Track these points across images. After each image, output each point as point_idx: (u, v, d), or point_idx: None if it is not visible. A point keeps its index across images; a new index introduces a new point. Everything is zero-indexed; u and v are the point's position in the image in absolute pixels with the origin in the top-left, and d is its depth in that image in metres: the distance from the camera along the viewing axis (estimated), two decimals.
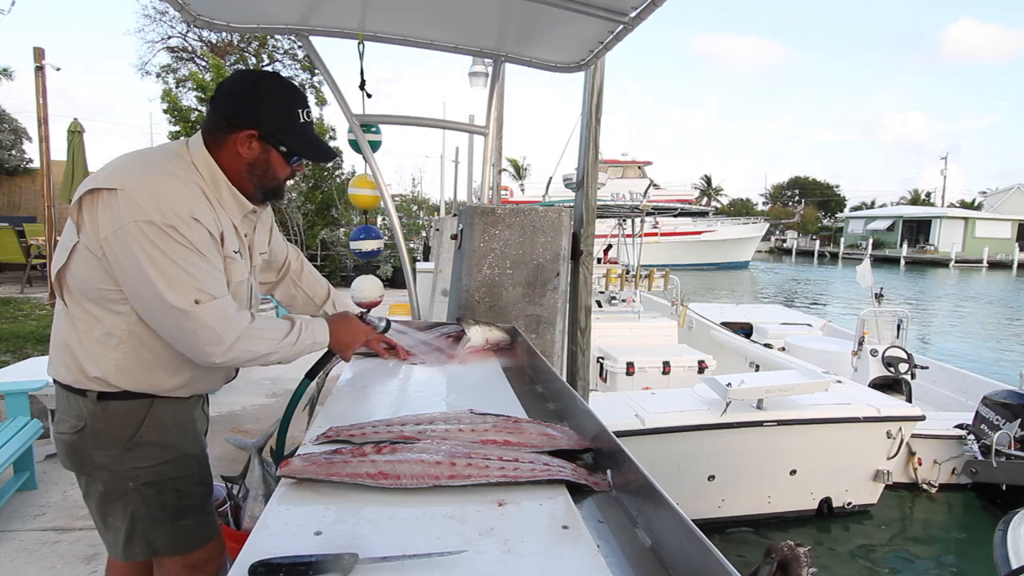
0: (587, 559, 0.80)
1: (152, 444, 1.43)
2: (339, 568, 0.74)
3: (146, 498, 1.43)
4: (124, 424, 1.40)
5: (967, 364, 8.38)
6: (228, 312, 1.32)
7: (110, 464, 1.41)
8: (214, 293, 1.29)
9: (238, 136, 1.38)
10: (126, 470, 1.41)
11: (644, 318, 7.04)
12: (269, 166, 1.43)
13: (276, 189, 1.49)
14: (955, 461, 5.04)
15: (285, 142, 1.41)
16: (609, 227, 9.51)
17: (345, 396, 1.50)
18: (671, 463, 4.10)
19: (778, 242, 51.71)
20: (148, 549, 1.46)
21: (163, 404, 1.44)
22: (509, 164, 37.46)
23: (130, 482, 1.42)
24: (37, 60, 7.86)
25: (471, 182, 11.20)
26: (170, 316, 1.27)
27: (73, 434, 1.40)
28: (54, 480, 3.42)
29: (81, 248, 1.30)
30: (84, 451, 1.41)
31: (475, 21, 2.42)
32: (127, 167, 1.30)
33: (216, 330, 1.28)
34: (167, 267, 1.24)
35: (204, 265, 1.29)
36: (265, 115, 1.38)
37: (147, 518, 1.44)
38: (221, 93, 1.40)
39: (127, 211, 1.23)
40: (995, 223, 39.89)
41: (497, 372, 1.80)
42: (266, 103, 1.39)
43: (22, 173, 13.52)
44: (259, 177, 1.44)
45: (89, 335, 1.34)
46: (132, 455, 1.41)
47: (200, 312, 1.26)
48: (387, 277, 12.73)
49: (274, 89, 1.41)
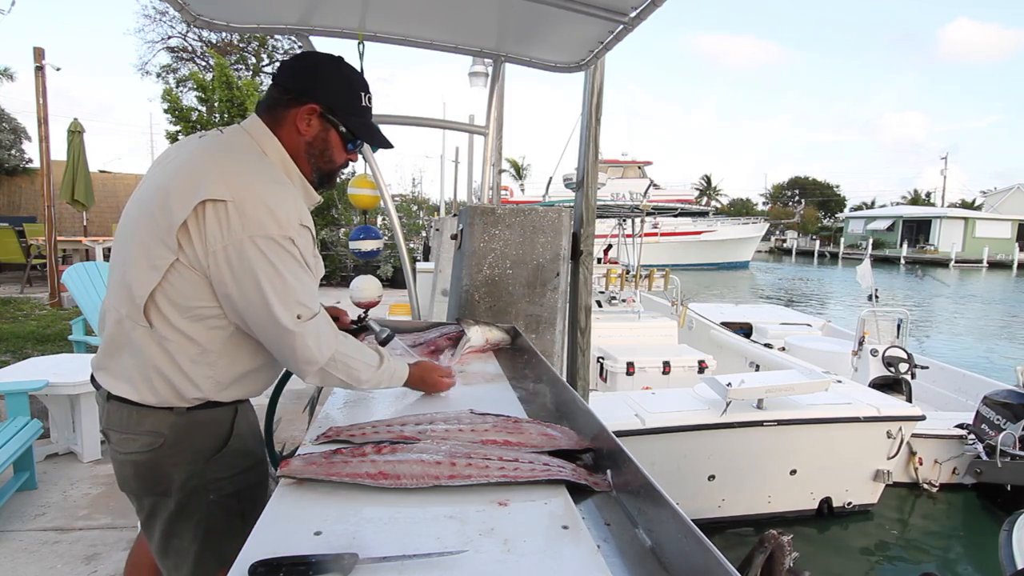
0: (587, 559, 0.80)
1: (235, 452, 1.37)
2: (339, 568, 0.74)
3: (226, 509, 1.36)
4: (210, 434, 1.34)
5: (967, 364, 8.38)
6: (324, 329, 1.29)
7: (189, 479, 1.32)
8: (313, 308, 1.26)
9: (299, 111, 1.32)
10: (207, 483, 1.33)
11: (644, 318, 7.05)
12: (327, 146, 1.38)
13: (331, 175, 1.44)
14: (956, 461, 5.04)
15: (347, 123, 1.37)
16: (609, 227, 9.52)
17: (345, 396, 1.50)
18: (671, 463, 4.10)
19: (778, 242, 51.70)
20: (219, 564, 1.36)
21: (244, 408, 1.42)
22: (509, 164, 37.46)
23: (211, 495, 1.34)
24: (37, 60, 7.86)
25: (471, 182, 11.20)
26: (275, 331, 1.23)
27: (147, 452, 1.30)
28: (54, 480, 3.42)
29: (181, 266, 1.20)
30: (160, 469, 1.31)
31: (475, 21, 2.42)
32: (226, 176, 1.21)
33: (312, 349, 1.25)
34: (278, 282, 1.20)
35: (307, 278, 1.26)
36: (328, 91, 1.34)
37: (222, 531, 1.36)
38: (284, 68, 1.37)
39: (240, 225, 1.17)
40: (995, 223, 39.90)
41: (497, 372, 1.80)
42: (330, 80, 1.35)
43: (22, 173, 13.51)
44: (316, 158, 1.38)
45: (184, 355, 1.26)
46: (215, 467, 1.34)
47: (303, 329, 1.24)
48: (387, 277, 12.72)
49: (339, 69, 1.38)
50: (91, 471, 3.56)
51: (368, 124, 1.42)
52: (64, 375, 3.54)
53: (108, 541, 2.84)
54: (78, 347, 5.00)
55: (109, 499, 3.22)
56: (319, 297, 1.32)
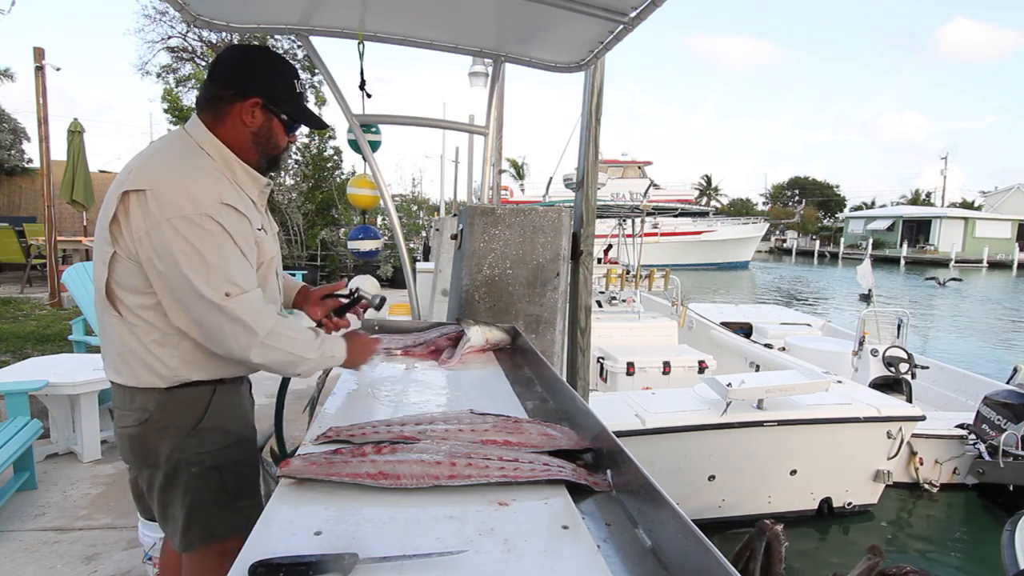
0: (587, 559, 0.80)
1: (215, 430, 1.45)
2: (339, 568, 0.74)
3: (208, 482, 1.45)
4: (189, 411, 1.42)
5: (967, 364, 8.38)
6: (257, 305, 1.33)
7: (173, 452, 1.42)
8: (244, 286, 1.30)
9: (243, 105, 1.41)
10: (189, 456, 1.43)
11: (644, 318, 7.04)
12: (272, 134, 1.48)
13: (277, 159, 1.54)
14: (956, 461, 5.04)
15: (286, 110, 1.47)
16: (609, 227, 9.52)
17: (345, 396, 1.50)
18: (671, 463, 4.10)
19: (778, 242, 51.70)
20: (206, 535, 1.47)
21: (225, 389, 1.48)
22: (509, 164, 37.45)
23: (193, 467, 1.43)
24: (37, 60, 7.86)
25: (471, 182, 11.20)
26: (203, 308, 1.27)
27: (137, 426, 1.42)
28: (54, 480, 3.42)
29: (120, 258, 1.31)
30: (148, 442, 1.43)
31: (475, 21, 2.42)
32: (149, 167, 1.32)
33: (247, 323, 1.29)
34: (197, 260, 1.25)
35: (235, 255, 1.31)
36: (268, 84, 1.44)
37: (207, 503, 1.46)
38: (221, 68, 1.44)
39: (158, 210, 1.25)
40: (995, 223, 39.91)
41: (497, 372, 1.80)
42: (268, 73, 1.44)
43: (22, 173, 13.51)
44: (263, 146, 1.48)
45: (150, 338, 1.36)
46: (195, 441, 1.43)
47: (232, 304, 1.27)
48: (387, 277, 12.72)
49: (273, 60, 1.48)
50: (91, 471, 3.56)
51: (304, 108, 1.52)
52: (64, 375, 3.54)
53: (108, 541, 2.84)
54: (78, 347, 4.99)
55: (109, 499, 3.22)
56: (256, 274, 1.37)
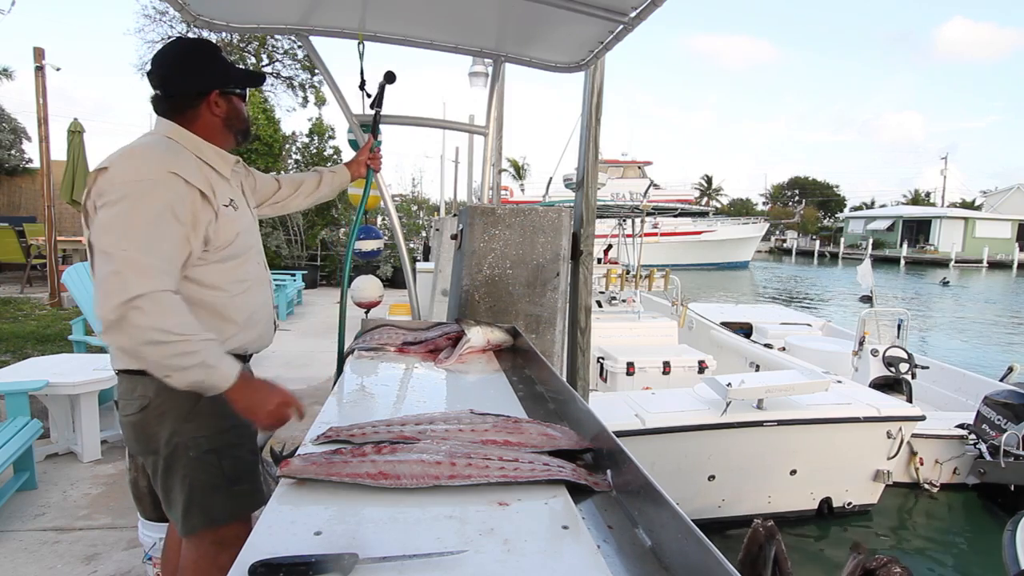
0: (587, 559, 0.80)
1: (211, 414, 1.47)
2: (339, 568, 0.74)
3: (206, 465, 1.49)
4: (186, 395, 1.40)
5: (966, 364, 8.38)
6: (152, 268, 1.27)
7: (172, 436, 1.46)
8: (151, 250, 1.28)
9: (207, 100, 1.51)
10: (187, 440, 1.47)
11: (644, 318, 7.04)
12: (237, 111, 1.58)
13: (247, 129, 1.63)
14: (957, 461, 5.04)
15: (237, 84, 1.58)
16: (609, 227, 9.51)
17: (345, 396, 1.50)
18: (671, 463, 4.10)
19: (778, 242, 51.70)
20: (206, 519, 1.51)
21: None
22: (509, 164, 37.45)
23: (191, 451, 1.47)
24: (37, 60, 7.87)
25: (471, 182, 11.21)
26: (98, 258, 1.28)
27: (138, 413, 1.46)
28: (54, 480, 3.42)
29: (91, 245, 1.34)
30: (149, 428, 1.47)
31: (475, 21, 2.42)
32: (115, 152, 1.40)
33: (126, 276, 1.23)
34: (122, 220, 1.28)
35: (162, 223, 1.32)
36: (218, 73, 1.54)
37: (206, 486, 1.49)
38: (171, 77, 1.51)
39: (108, 186, 1.31)
40: (995, 223, 39.90)
41: (497, 372, 1.80)
42: (210, 63, 1.53)
43: (22, 173, 13.50)
44: (235, 125, 1.58)
45: None
46: (192, 425, 1.47)
47: (121, 256, 1.25)
48: (387, 277, 12.73)
49: (203, 49, 1.54)
50: (91, 471, 3.56)
51: (245, 75, 1.62)
52: (64, 375, 3.54)
53: (108, 541, 2.84)
54: (78, 347, 4.99)
55: (109, 499, 3.22)
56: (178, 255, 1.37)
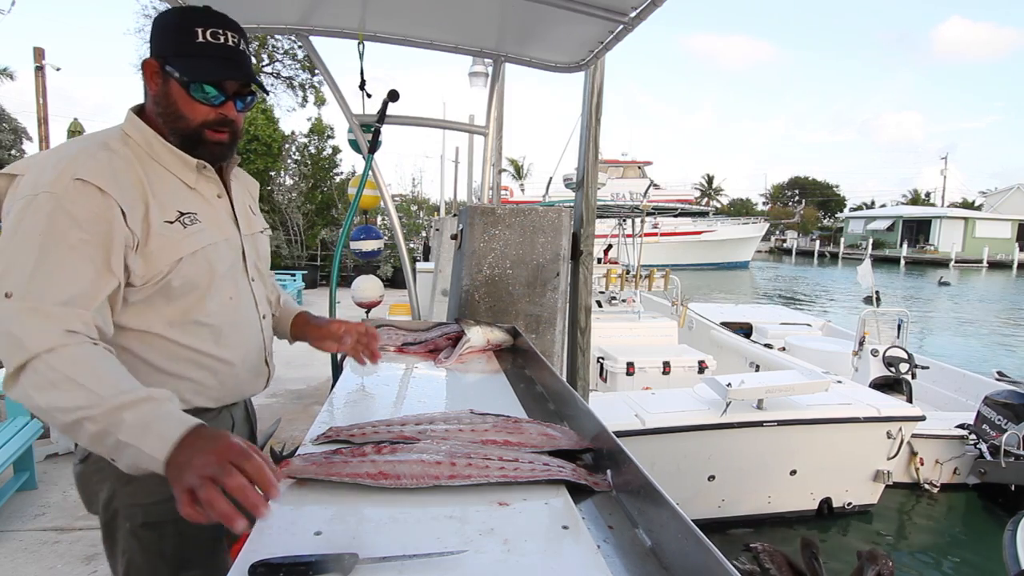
0: (587, 559, 0.80)
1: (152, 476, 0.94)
2: (339, 568, 0.74)
3: (143, 543, 1.18)
4: None
5: (966, 364, 8.38)
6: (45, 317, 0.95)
7: (110, 499, 1.18)
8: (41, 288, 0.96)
9: (148, 71, 1.16)
10: (123, 507, 1.18)
11: (644, 318, 7.05)
12: (170, 101, 1.16)
13: (191, 135, 1.18)
14: (957, 461, 5.05)
15: (177, 66, 1.13)
16: (609, 227, 9.52)
17: (345, 396, 1.50)
18: (671, 463, 4.10)
19: (778, 242, 51.73)
20: None
21: None
22: (509, 164, 37.46)
23: (127, 522, 1.17)
24: (37, 60, 7.87)
25: (471, 182, 11.20)
26: None
27: (79, 464, 1.22)
28: (54, 480, 3.42)
29: None
30: (90, 485, 1.21)
31: (475, 21, 2.42)
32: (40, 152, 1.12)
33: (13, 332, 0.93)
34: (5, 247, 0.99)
35: (54, 250, 0.98)
36: (161, 40, 1.16)
37: (143, 569, 1.19)
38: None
39: (10, 200, 1.04)
40: (995, 223, 39.92)
41: (497, 372, 1.80)
42: (162, 28, 1.16)
43: None
44: (164, 116, 1.17)
45: None
46: (129, 489, 1.15)
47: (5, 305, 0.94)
48: (387, 277, 12.73)
49: (170, 12, 1.18)
50: None
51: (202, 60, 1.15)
52: None
53: None
54: None
55: None
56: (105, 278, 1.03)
